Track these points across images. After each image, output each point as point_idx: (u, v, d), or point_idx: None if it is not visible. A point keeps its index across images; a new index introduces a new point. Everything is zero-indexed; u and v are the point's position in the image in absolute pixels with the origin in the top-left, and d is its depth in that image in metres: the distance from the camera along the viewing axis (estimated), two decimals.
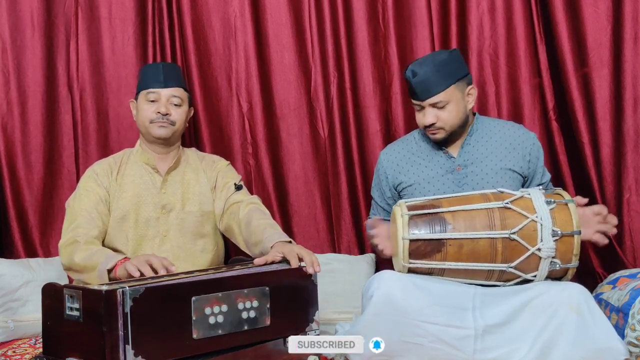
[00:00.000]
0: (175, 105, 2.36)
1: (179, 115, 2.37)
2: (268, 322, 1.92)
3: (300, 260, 2.02)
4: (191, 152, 2.50)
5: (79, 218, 2.26)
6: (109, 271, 2.02)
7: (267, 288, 1.92)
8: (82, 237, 2.19)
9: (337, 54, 2.78)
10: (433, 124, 2.23)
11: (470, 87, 2.27)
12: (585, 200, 2.12)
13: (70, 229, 2.24)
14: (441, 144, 2.31)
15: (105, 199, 2.32)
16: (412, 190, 2.32)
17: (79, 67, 2.80)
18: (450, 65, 2.22)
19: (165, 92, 2.34)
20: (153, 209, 2.34)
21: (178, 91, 2.37)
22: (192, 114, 2.50)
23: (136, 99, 2.40)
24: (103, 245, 2.28)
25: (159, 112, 2.32)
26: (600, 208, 2.10)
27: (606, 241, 2.09)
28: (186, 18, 2.81)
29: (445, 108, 2.22)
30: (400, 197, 2.37)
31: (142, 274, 1.93)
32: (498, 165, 2.28)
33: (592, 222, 2.08)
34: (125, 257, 2.06)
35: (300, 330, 2.00)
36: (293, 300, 1.99)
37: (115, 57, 2.82)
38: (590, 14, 2.63)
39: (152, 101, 2.34)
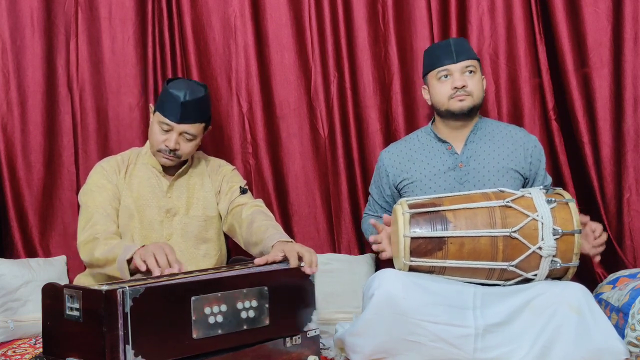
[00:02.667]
0: (187, 139, 2.31)
1: (188, 148, 2.32)
2: (267, 322, 1.92)
3: (300, 259, 2.02)
4: (197, 155, 2.49)
5: (95, 215, 2.25)
6: (129, 262, 2.02)
7: (265, 288, 1.93)
8: (101, 234, 2.18)
9: (337, 54, 2.78)
10: (464, 87, 2.28)
11: (483, 76, 2.40)
12: (588, 218, 2.16)
13: (88, 227, 2.23)
14: (459, 118, 2.32)
15: (116, 195, 2.32)
16: (413, 187, 2.33)
17: (79, 67, 2.80)
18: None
19: (178, 127, 2.28)
20: (157, 212, 2.34)
21: (193, 127, 2.30)
22: (208, 130, 2.43)
23: (154, 108, 2.34)
24: None
25: (167, 146, 2.29)
26: (595, 225, 2.15)
27: (598, 259, 2.16)
28: (186, 18, 2.81)
29: (473, 76, 2.31)
30: (401, 195, 2.38)
31: (148, 270, 1.93)
32: (500, 164, 2.29)
33: (590, 237, 2.12)
34: (143, 246, 2.05)
35: (299, 330, 2.01)
36: (291, 300, 2.00)
37: (115, 57, 2.82)
38: (590, 14, 2.63)
39: (165, 130, 2.29)
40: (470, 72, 2.30)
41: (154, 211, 2.34)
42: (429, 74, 2.37)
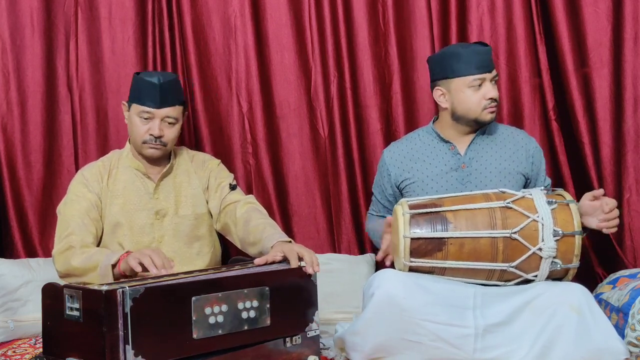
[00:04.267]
0: (169, 124, 2.28)
1: (172, 134, 2.30)
2: (268, 322, 1.92)
3: (301, 259, 2.02)
4: (180, 152, 2.45)
5: (71, 225, 2.22)
6: (113, 266, 2.01)
7: (266, 288, 1.92)
8: (77, 243, 2.17)
9: (337, 53, 2.78)
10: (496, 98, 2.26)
11: None
12: (602, 191, 2.07)
13: (64, 237, 2.21)
14: (481, 126, 2.29)
15: (96, 204, 2.29)
16: (415, 187, 2.32)
17: (79, 67, 2.80)
18: None
19: (159, 113, 2.25)
20: (147, 215, 2.31)
21: (173, 110, 2.28)
22: (186, 115, 2.42)
23: (129, 103, 2.32)
24: None
25: (151, 135, 2.26)
26: (609, 200, 2.05)
27: (614, 230, 2.06)
28: (186, 18, 2.81)
29: (496, 84, 2.28)
30: (402, 195, 2.37)
31: (143, 268, 1.93)
32: (502, 165, 2.29)
33: (598, 212, 2.05)
34: (127, 252, 2.05)
35: (300, 330, 2.01)
36: (293, 300, 2.00)
37: (115, 57, 2.82)
38: (590, 14, 2.63)
39: (146, 119, 2.27)
40: (496, 81, 2.28)
41: (143, 214, 2.31)
42: (456, 80, 2.25)
